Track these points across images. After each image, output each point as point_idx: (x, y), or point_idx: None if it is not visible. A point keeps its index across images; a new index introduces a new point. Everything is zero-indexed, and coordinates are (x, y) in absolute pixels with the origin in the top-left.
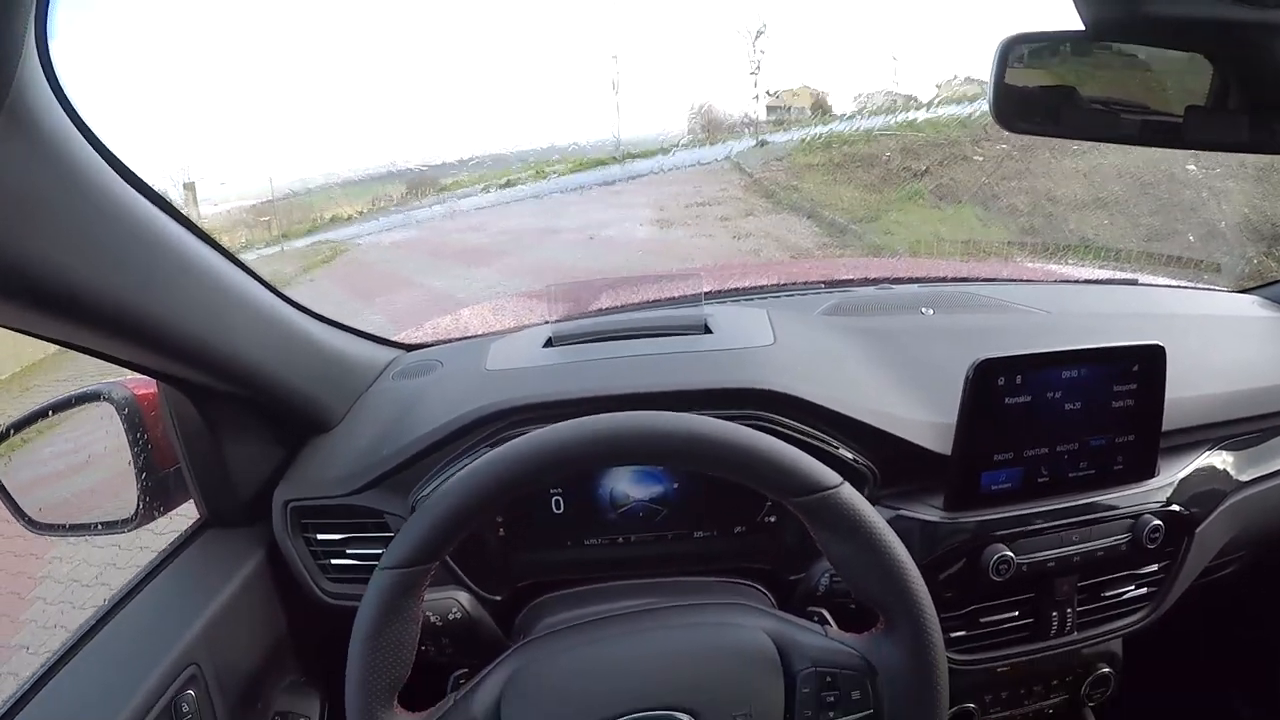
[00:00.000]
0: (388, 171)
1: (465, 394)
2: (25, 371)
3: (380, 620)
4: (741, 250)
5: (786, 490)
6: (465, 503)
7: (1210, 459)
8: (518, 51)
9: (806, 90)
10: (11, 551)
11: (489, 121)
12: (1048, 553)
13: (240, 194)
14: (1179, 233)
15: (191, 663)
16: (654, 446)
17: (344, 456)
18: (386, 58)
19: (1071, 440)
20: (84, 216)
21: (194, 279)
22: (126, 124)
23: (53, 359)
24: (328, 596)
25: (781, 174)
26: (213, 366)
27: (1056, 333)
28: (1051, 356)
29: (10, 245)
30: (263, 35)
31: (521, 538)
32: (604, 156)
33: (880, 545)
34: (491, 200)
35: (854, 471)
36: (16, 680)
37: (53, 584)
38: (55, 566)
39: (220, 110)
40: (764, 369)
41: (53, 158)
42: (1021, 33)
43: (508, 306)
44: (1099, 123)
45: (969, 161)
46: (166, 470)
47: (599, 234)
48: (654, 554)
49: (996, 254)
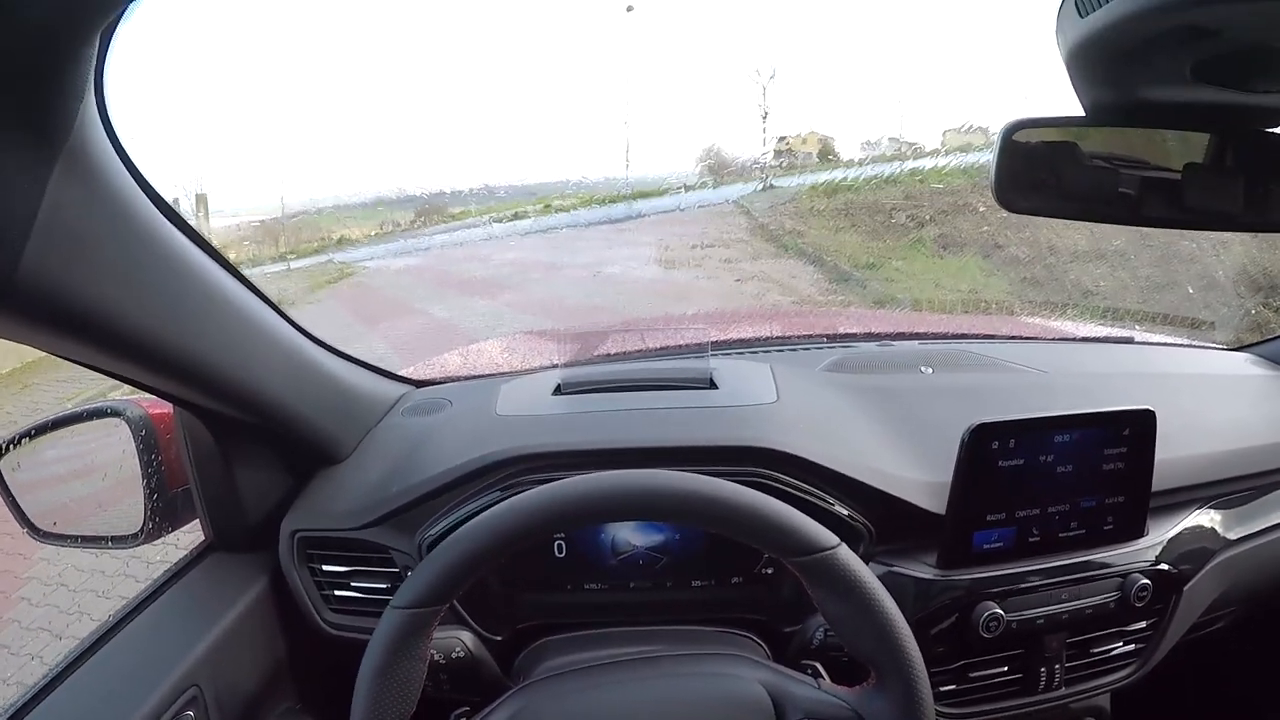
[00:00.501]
0: (397, 197)
1: (475, 437)
2: (26, 369)
3: (389, 658)
4: (744, 293)
5: (786, 550)
6: (479, 548)
7: (1199, 518)
8: (531, 86)
9: (814, 136)
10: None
11: (499, 154)
12: (1037, 610)
13: (251, 209)
14: (1178, 284)
15: (193, 684)
16: (662, 505)
17: (353, 490)
18: (402, 85)
19: (1063, 501)
20: (128, 252)
21: (221, 311)
22: (145, 132)
23: (52, 358)
24: (329, 627)
25: (787, 219)
26: (232, 397)
27: (1052, 393)
28: (1045, 421)
29: (58, 277)
30: (284, 57)
31: (523, 580)
32: (612, 194)
33: (874, 605)
34: (498, 232)
35: (850, 529)
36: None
37: (39, 585)
38: (42, 568)
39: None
40: (766, 427)
41: (104, 197)
42: (1023, 118)
43: (516, 346)
44: (1100, 180)
45: (972, 211)
46: (175, 490)
47: (603, 271)
48: (652, 601)
49: (997, 305)
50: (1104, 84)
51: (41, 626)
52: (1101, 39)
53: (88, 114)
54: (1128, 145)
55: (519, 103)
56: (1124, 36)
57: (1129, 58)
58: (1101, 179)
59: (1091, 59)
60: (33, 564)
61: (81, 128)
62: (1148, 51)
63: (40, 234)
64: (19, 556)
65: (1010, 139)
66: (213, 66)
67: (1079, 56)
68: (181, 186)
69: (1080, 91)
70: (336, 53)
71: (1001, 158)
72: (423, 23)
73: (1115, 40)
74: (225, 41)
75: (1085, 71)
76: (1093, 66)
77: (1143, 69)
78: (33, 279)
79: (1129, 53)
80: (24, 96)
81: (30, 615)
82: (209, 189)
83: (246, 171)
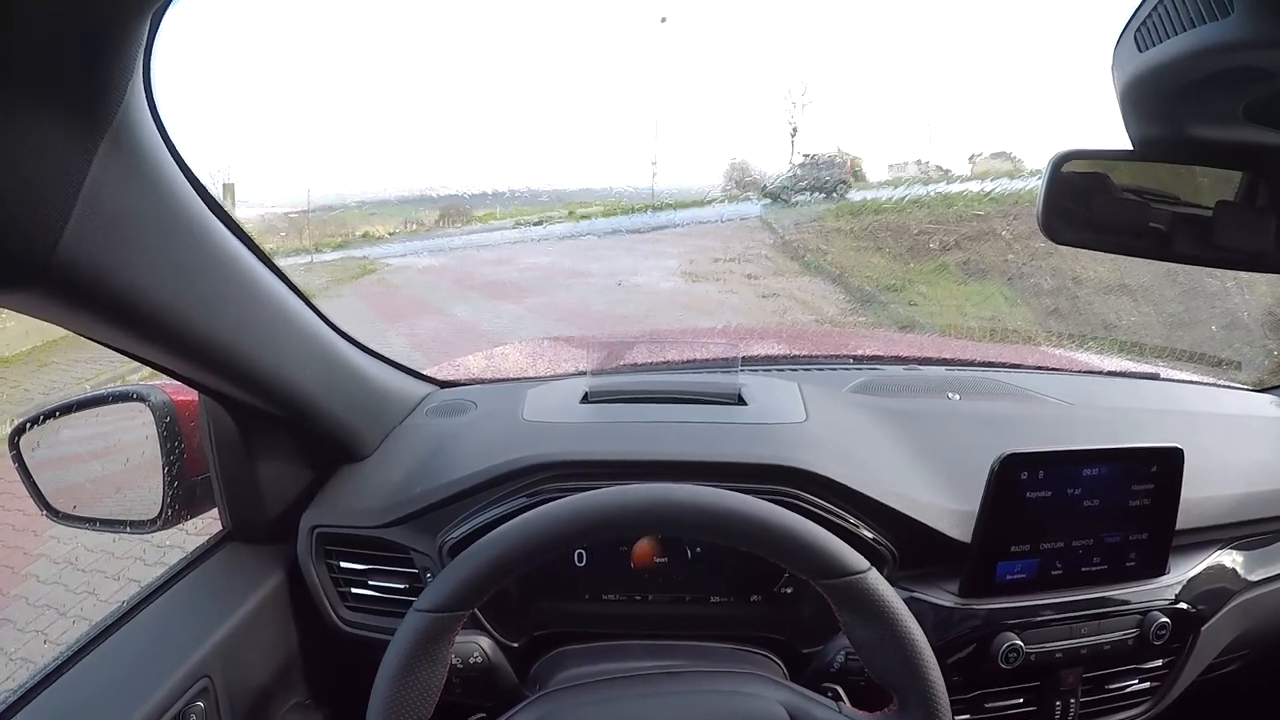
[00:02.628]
0: (422, 196)
1: (502, 442)
2: (45, 347)
3: (410, 661)
4: (767, 310)
5: (816, 572)
6: (508, 555)
7: (1220, 558)
8: (563, 92)
9: (842, 155)
10: (10, 525)
11: (527, 158)
12: (1056, 644)
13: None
14: (1202, 322)
15: (205, 675)
16: (695, 520)
17: (375, 489)
18: (434, 86)
19: (1087, 536)
20: (168, 237)
21: (255, 302)
22: (177, 118)
23: (73, 338)
24: (344, 624)
25: (811, 236)
26: (260, 387)
27: (1078, 426)
28: (1074, 455)
29: (99, 258)
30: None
31: (542, 587)
32: (638, 204)
33: (901, 631)
34: (522, 236)
35: (874, 552)
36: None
37: (48, 563)
38: (52, 546)
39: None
40: (795, 446)
41: (148, 180)
42: (1072, 149)
43: (541, 350)
44: (1131, 214)
45: (997, 238)
46: (195, 478)
47: (627, 280)
48: (670, 614)
49: (1020, 334)
50: (1155, 119)
51: (48, 604)
52: (1158, 75)
53: (135, 94)
54: (1158, 180)
55: (549, 108)
56: (1181, 73)
57: (1183, 94)
58: (1133, 212)
59: (1146, 93)
60: (43, 541)
61: (128, 108)
62: (1203, 90)
63: (82, 213)
64: (29, 533)
65: (1059, 170)
66: (248, 56)
67: (1134, 90)
68: (210, 174)
69: (1130, 125)
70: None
71: (1050, 189)
72: (459, 25)
73: (1172, 76)
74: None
75: (1138, 105)
76: (1146, 101)
77: (1195, 106)
78: (72, 260)
79: (1184, 89)
80: (74, 73)
81: (38, 592)
82: (236, 178)
83: (274, 162)
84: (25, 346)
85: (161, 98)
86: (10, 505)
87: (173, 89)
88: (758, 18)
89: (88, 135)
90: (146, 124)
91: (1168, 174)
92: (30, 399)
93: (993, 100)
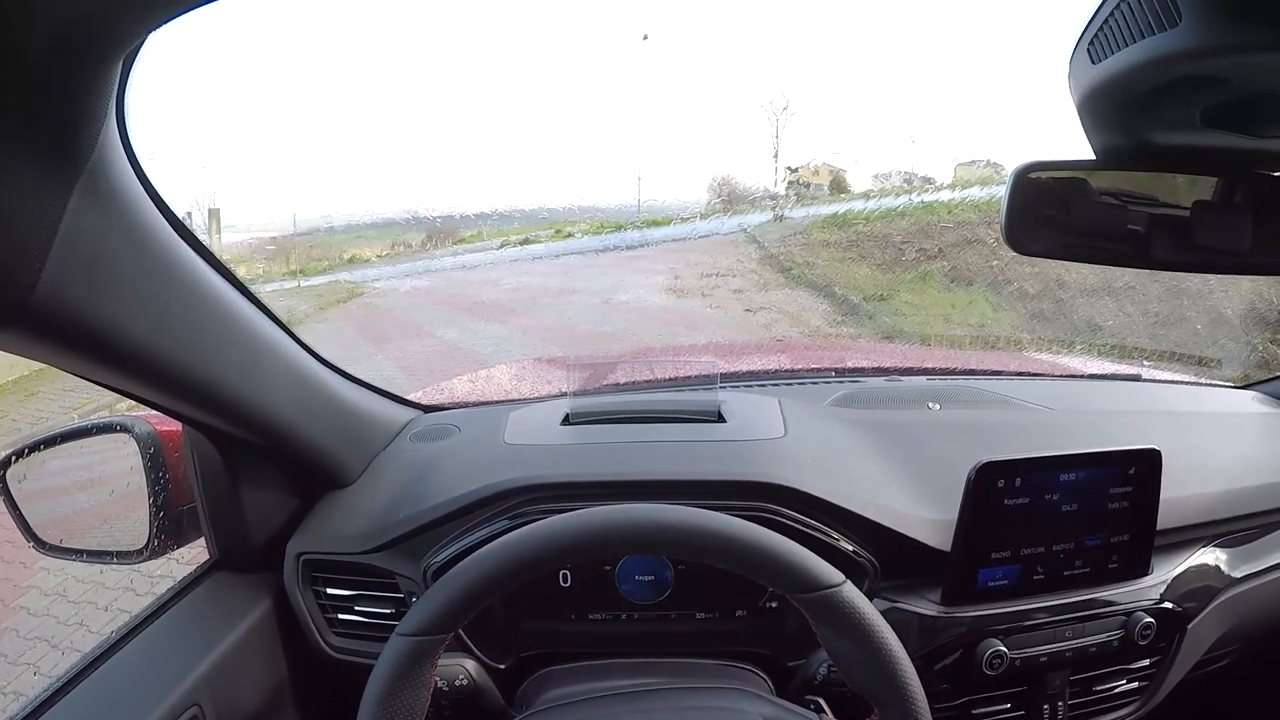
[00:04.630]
0: (409, 219)
1: (484, 466)
2: (32, 376)
3: (393, 685)
4: (754, 323)
5: (792, 586)
6: (487, 577)
7: (1204, 556)
8: (547, 112)
9: (826, 168)
10: (0, 558)
11: (512, 178)
12: (1041, 648)
13: (264, 224)
14: (1186, 320)
15: (194, 703)
16: (671, 539)
17: (360, 515)
18: (417, 107)
19: (1068, 540)
20: (146, 275)
21: (234, 334)
22: (160, 145)
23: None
24: (332, 650)
25: (797, 249)
26: (241, 418)
27: (1060, 431)
28: (1051, 460)
29: (76, 297)
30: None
31: (527, 608)
32: (623, 221)
33: (878, 642)
34: (509, 256)
35: (855, 565)
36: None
37: (38, 595)
38: (43, 577)
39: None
40: (774, 462)
41: (124, 220)
42: (1034, 161)
43: (524, 372)
44: (1109, 217)
45: (981, 245)
46: (181, 508)
47: (613, 298)
48: (656, 632)
49: (1006, 340)
50: (1114, 129)
51: (39, 636)
52: (1113, 85)
53: (109, 137)
54: (1136, 183)
55: (534, 127)
56: (1135, 83)
57: (1139, 104)
58: (1110, 215)
59: (1103, 104)
60: (33, 573)
61: (103, 151)
62: (1158, 98)
63: (59, 254)
64: (19, 565)
65: (1021, 180)
66: (230, 82)
67: (1090, 102)
68: (195, 200)
69: (1091, 135)
70: (353, 72)
71: (1013, 199)
72: (440, 46)
73: (1127, 87)
74: (244, 58)
75: (1096, 116)
76: (1104, 111)
77: (1153, 115)
78: (51, 299)
79: (1140, 99)
80: (48, 119)
81: (28, 625)
82: (222, 203)
83: (260, 187)
84: (13, 376)
85: (137, 137)
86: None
87: (158, 115)
88: (739, 31)
89: (63, 177)
90: (122, 165)
91: (1149, 177)
92: (17, 429)
93: (975, 107)
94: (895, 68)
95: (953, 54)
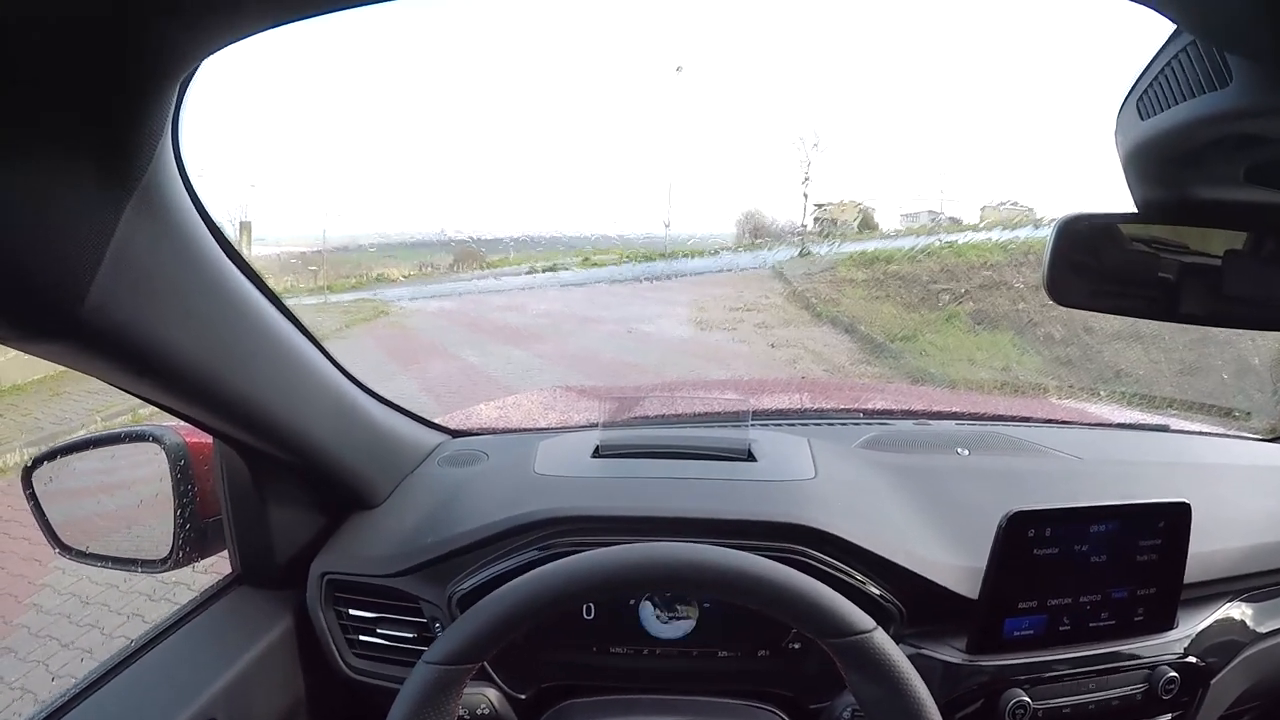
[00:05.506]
0: (437, 240)
1: (513, 495)
2: (57, 376)
3: (417, 712)
4: (777, 359)
5: (823, 631)
6: (520, 609)
7: (1229, 610)
8: (576, 141)
9: (853, 204)
10: (15, 553)
11: (541, 205)
12: (1064, 699)
13: (294, 239)
14: (1213, 369)
15: (211, 717)
16: (704, 579)
17: (386, 537)
18: (450, 131)
19: (1095, 591)
20: (193, 293)
21: (274, 353)
22: (194, 156)
23: None
24: (351, 671)
25: (823, 286)
26: (275, 436)
27: (1088, 480)
28: (1082, 512)
29: (125, 312)
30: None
31: (550, 638)
32: (650, 251)
33: (907, 690)
34: (535, 282)
35: (881, 609)
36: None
37: (52, 594)
38: (57, 577)
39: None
40: (804, 504)
41: (175, 237)
42: (1078, 213)
43: (552, 401)
44: (1141, 264)
45: (1008, 287)
46: (206, 520)
47: (637, 329)
48: (677, 669)
49: (1031, 386)
50: (1158, 182)
51: (50, 635)
52: (1160, 141)
53: (164, 155)
54: (1169, 231)
55: (565, 155)
56: (1183, 140)
57: (1185, 159)
58: (1142, 263)
59: (1148, 159)
60: (48, 571)
61: (157, 168)
62: (1204, 155)
63: (109, 269)
64: (34, 562)
65: (1065, 234)
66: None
67: (1136, 156)
68: (226, 213)
69: (1134, 188)
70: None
71: (1055, 251)
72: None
73: (1174, 143)
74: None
75: (1141, 170)
76: (1149, 166)
77: (1197, 170)
78: (100, 313)
79: (1186, 155)
80: (106, 134)
81: (40, 622)
82: (254, 216)
83: (291, 202)
84: (39, 375)
85: (188, 154)
86: (16, 534)
87: (192, 126)
88: (773, 66)
89: (117, 192)
90: (174, 183)
91: (1175, 229)
92: (41, 428)
93: (1004, 150)
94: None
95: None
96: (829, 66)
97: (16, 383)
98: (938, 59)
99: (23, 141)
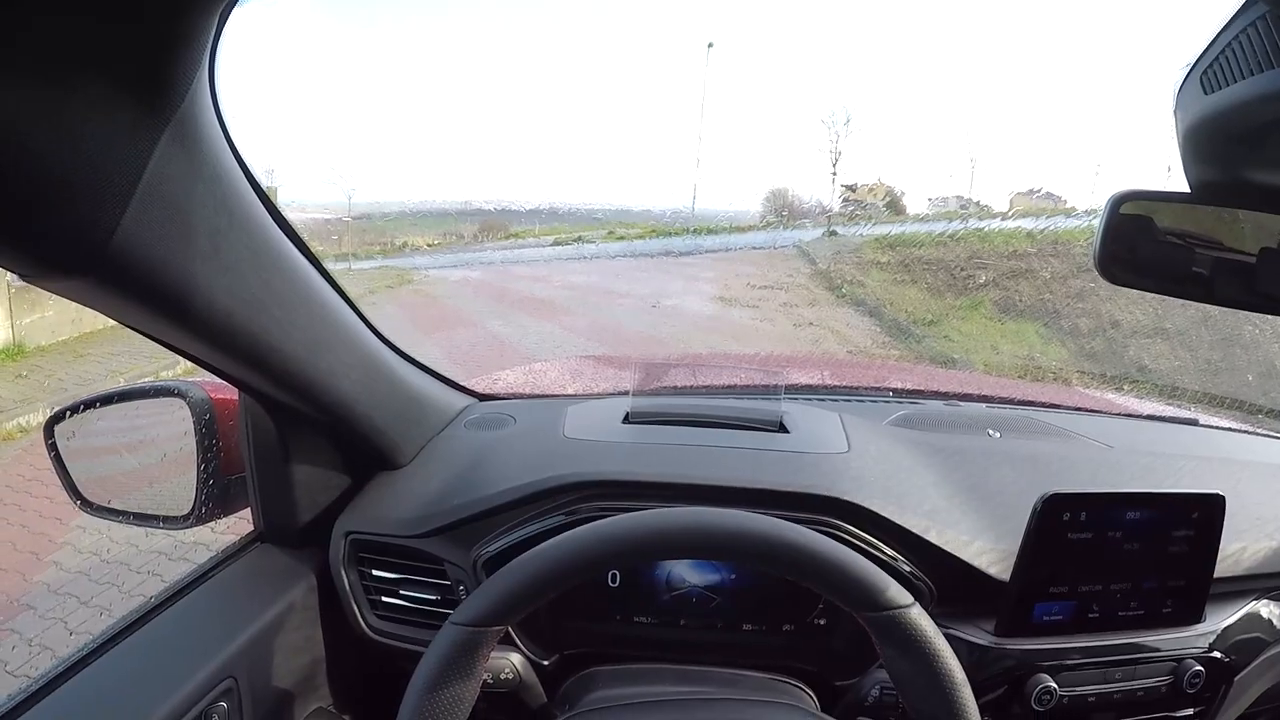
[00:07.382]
0: (462, 209)
1: (542, 458)
2: (82, 338)
3: (444, 673)
4: (800, 339)
5: (860, 604)
6: (549, 572)
7: (1257, 607)
8: (606, 114)
9: (882, 186)
10: (37, 511)
11: (568, 176)
12: (1090, 688)
13: (319, 204)
14: (1238, 369)
15: (229, 675)
16: (744, 545)
17: (411, 498)
18: (479, 101)
19: (1125, 579)
20: (224, 233)
21: (304, 304)
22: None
23: (110, 331)
24: (372, 632)
25: (848, 267)
26: (303, 390)
27: (1118, 469)
28: (1118, 498)
29: (154, 249)
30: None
31: (574, 605)
32: (676, 227)
33: (943, 669)
34: (560, 254)
35: (912, 587)
36: (19, 639)
37: (72, 551)
38: (77, 535)
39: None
40: (838, 477)
41: (208, 175)
42: (1130, 190)
43: (580, 368)
44: (1174, 257)
45: (1034, 276)
46: (229, 477)
47: (662, 303)
48: (701, 640)
49: (1053, 374)
50: (1215, 162)
51: (70, 593)
52: (1223, 118)
53: (199, 89)
54: (1199, 224)
55: (594, 128)
56: (1246, 118)
57: (1246, 139)
58: (1176, 256)
59: (1208, 137)
60: (68, 530)
61: (192, 102)
62: (1266, 135)
63: (140, 202)
64: (55, 521)
65: (1117, 210)
66: (298, 59)
67: (1196, 133)
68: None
69: (1189, 168)
70: (419, 62)
71: (1107, 229)
72: (510, 44)
73: (1236, 121)
74: (315, 37)
75: (1199, 148)
76: (1208, 144)
77: (1257, 151)
78: (127, 246)
79: (1247, 134)
80: (143, 63)
81: (59, 580)
82: (280, 181)
83: (316, 167)
84: (63, 336)
85: (225, 96)
86: (39, 493)
87: (222, 89)
88: (804, 43)
89: (151, 124)
90: (210, 119)
91: (1211, 219)
92: (64, 389)
93: (1037, 138)
94: (961, 91)
95: (1018, 82)
96: (863, 45)
97: (40, 344)
98: (975, 40)
99: (61, 71)
